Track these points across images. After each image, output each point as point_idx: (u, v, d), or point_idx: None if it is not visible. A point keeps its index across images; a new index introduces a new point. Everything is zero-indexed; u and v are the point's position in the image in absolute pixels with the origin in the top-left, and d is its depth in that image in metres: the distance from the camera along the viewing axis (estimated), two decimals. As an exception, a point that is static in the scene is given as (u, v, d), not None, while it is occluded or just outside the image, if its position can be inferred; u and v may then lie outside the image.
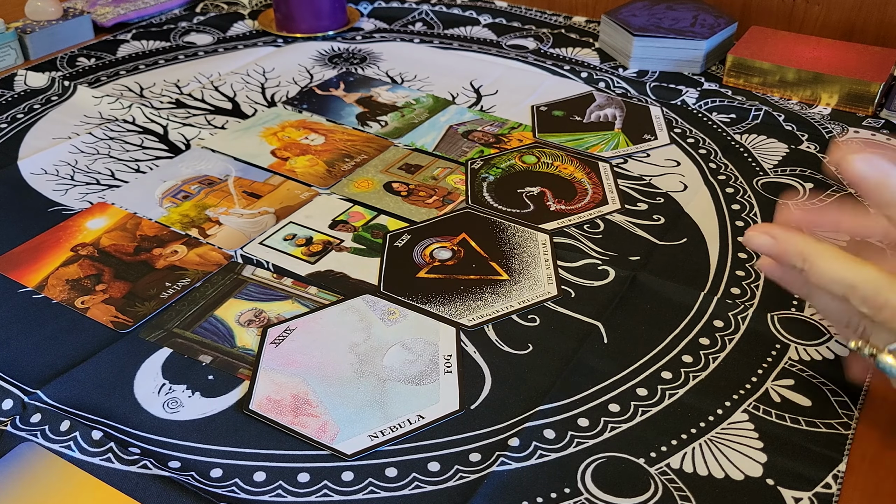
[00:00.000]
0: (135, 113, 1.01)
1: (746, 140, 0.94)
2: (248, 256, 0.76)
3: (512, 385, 0.62)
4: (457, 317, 0.68)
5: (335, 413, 0.59)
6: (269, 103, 1.05)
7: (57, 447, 0.56)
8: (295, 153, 0.93)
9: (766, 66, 1.04)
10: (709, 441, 0.57)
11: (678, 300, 0.70)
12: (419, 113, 1.02)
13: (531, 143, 0.95)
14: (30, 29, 1.16)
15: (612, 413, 0.59)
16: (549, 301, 0.70)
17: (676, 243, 0.77)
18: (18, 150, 0.94)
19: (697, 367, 0.63)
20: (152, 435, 0.58)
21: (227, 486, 0.54)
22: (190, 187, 0.86)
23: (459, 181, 0.87)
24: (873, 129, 0.96)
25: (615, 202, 0.83)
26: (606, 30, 1.17)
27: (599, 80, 1.09)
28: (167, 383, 0.62)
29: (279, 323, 0.68)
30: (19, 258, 0.76)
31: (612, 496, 0.53)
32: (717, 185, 0.86)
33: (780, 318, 0.68)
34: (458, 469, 0.55)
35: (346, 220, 0.81)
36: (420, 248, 0.77)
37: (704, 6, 1.17)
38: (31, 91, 1.07)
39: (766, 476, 0.54)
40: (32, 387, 0.61)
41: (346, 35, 1.25)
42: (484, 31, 1.26)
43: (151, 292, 0.71)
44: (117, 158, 0.92)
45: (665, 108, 1.02)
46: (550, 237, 0.78)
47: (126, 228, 0.80)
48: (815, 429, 0.58)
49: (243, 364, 0.64)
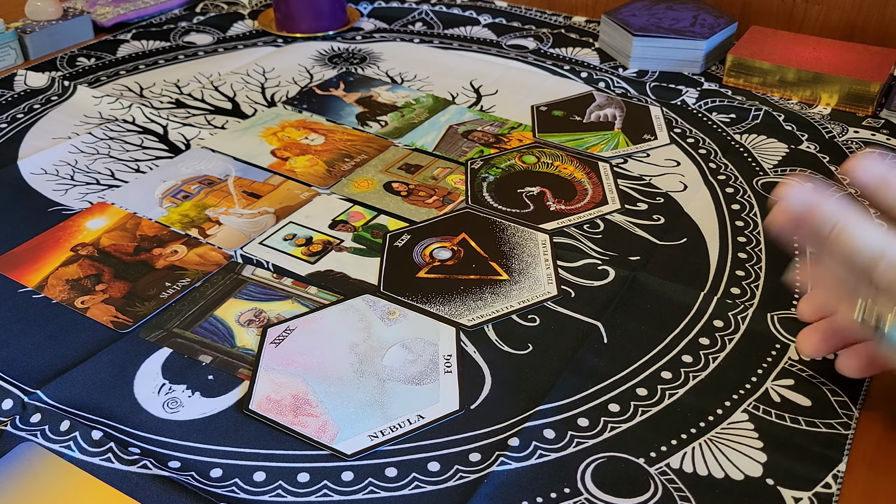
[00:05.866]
0: (135, 113, 1.01)
1: (746, 140, 0.94)
2: (248, 256, 0.76)
3: (512, 385, 0.62)
4: (457, 317, 0.68)
5: (335, 413, 0.59)
6: (269, 103, 1.04)
7: (57, 447, 0.56)
8: (295, 153, 0.93)
9: (766, 66, 1.04)
10: (709, 441, 0.57)
11: (678, 300, 0.70)
12: (419, 113, 1.02)
13: (531, 143, 0.95)
14: (30, 29, 1.16)
15: (612, 413, 0.59)
16: (549, 301, 0.70)
17: (676, 243, 0.77)
18: (18, 150, 0.94)
19: (697, 367, 0.63)
20: (152, 435, 0.58)
21: (227, 486, 0.54)
22: (190, 187, 0.86)
23: (459, 181, 0.87)
24: (873, 129, 0.96)
25: (615, 202, 0.83)
26: (606, 30, 1.17)
27: (599, 80, 1.09)
28: (167, 383, 0.62)
29: (279, 323, 0.68)
30: (19, 258, 0.76)
31: (612, 496, 0.53)
32: (717, 185, 0.86)
33: (780, 318, 0.67)
34: (458, 469, 0.55)
35: (346, 220, 0.81)
36: (420, 247, 0.77)
37: (704, 6, 1.17)
38: (31, 91, 1.07)
39: (766, 476, 0.54)
40: (32, 387, 0.61)
41: (346, 35, 1.25)
42: (484, 31, 1.26)
43: (151, 292, 0.71)
44: (117, 158, 0.92)
45: (665, 108, 1.02)
46: (550, 237, 0.78)
47: (126, 228, 0.80)
48: (815, 429, 0.58)
49: (243, 364, 0.64)
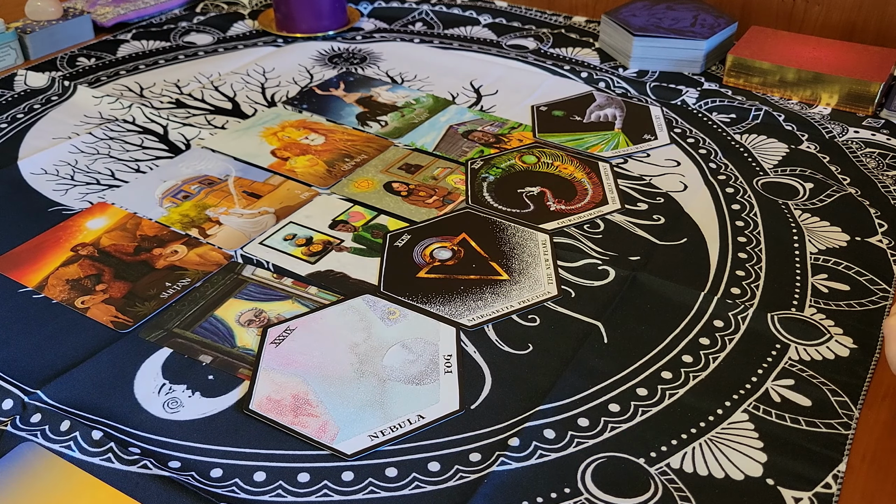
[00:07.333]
0: (135, 113, 1.01)
1: (746, 140, 0.94)
2: (248, 256, 0.76)
3: (512, 385, 0.62)
4: (457, 317, 0.68)
5: (335, 413, 0.59)
6: (269, 103, 1.04)
7: (57, 447, 0.56)
8: (295, 153, 0.93)
9: (766, 66, 1.04)
10: (709, 441, 0.57)
11: (678, 300, 0.70)
12: (419, 113, 1.02)
13: (531, 143, 0.95)
14: (30, 29, 1.16)
15: (612, 413, 0.59)
16: (549, 301, 0.70)
17: (676, 243, 0.77)
18: (18, 150, 0.94)
19: (697, 367, 0.63)
20: (152, 435, 0.58)
21: (227, 486, 0.54)
22: (190, 187, 0.86)
23: (459, 181, 0.87)
24: (873, 129, 0.96)
25: (615, 202, 0.83)
26: (606, 30, 1.17)
27: (599, 80, 1.09)
28: (167, 383, 0.62)
29: (279, 323, 0.68)
30: (19, 258, 0.76)
31: (612, 496, 0.53)
32: (717, 185, 0.86)
33: (780, 318, 0.67)
34: (458, 469, 0.55)
35: (346, 220, 0.81)
36: (420, 248, 0.77)
37: (704, 6, 1.17)
38: (32, 91, 1.07)
39: (766, 476, 0.54)
40: (32, 387, 0.61)
41: (346, 35, 1.25)
42: (484, 31, 1.26)
43: (151, 292, 0.71)
44: (117, 158, 0.92)
45: (665, 108, 1.02)
46: (550, 237, 0.78)
47: (126, 228, 0.80)
48: (815, 429, 0.58)
49: (243, 364, 0.64)
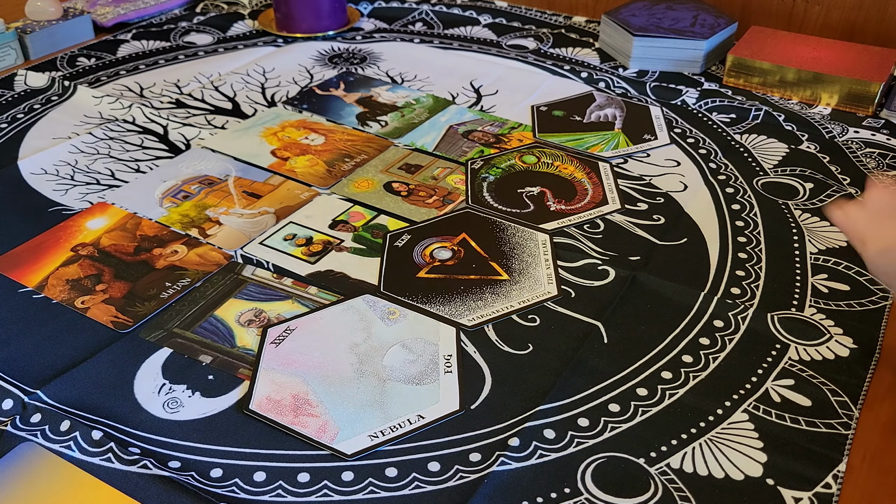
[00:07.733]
0: (135, 113, 1.01)
1: (746, 140, 0.94)
2: (248, 256, 0.76)
3: (512, 385, 0.62)
4: (457, 317, 0.68)
5: (335, 413, 0.59)
6: (269, 103, 1.04)
7: (57, 447, 0.56)
8: (295, 153, 0.93)
9: (766, 66, 1.03)
10: (709, 441, 0.57)
11: (678, 300, 0.70)
12: (419, 113, 1.02)
13: (531, 143, 0.95)
14: (30, 29, 1.16)
15: (612, 413, 0.59)
16: (549, 301, 0.70)
17: (676, 243, 0.77)
18: (18, 150, 0.94)
19: (697, 367, 0.63)
20: (152, 435, 0.58)
21: (227, 486, 0.54)
22: (190, 187, 0.86)
23: (459, 181, 0.87)
24: (873, 129, 0.96)
25: (615, 202, 0.83)
26: (606, 30, 1.17)
27: (599, 80, 1.09)
28: (167, 383, 0.62)
29: (279, 323, 0.68)
30: (19, 258, 0.76)
31: (612, 496, 0.53)
32: (717, 185, 0.86)
33: (780, 318, 0.67)
34: (458, 469, 0.55)
35: (346, 220, 0.81)
36: (420, 248, 0.77)
37: (704, 6, 1.17)
38: (32, 91, 1.07)
39: (766, 476, 0.54)
40: (32, 387, 0.61)
41: (347, 35, 1.25)
42: (484, 31, 1.26)
43: (151, 292, 0.71)
44: (117, 158, 0.92)
45: (665, 108, 1.02)
46: (550, 237, 0.78)
47: (126, 228, 0.80)
48: (815, 429, 0.58)
49: (243, 364, 0.64)
